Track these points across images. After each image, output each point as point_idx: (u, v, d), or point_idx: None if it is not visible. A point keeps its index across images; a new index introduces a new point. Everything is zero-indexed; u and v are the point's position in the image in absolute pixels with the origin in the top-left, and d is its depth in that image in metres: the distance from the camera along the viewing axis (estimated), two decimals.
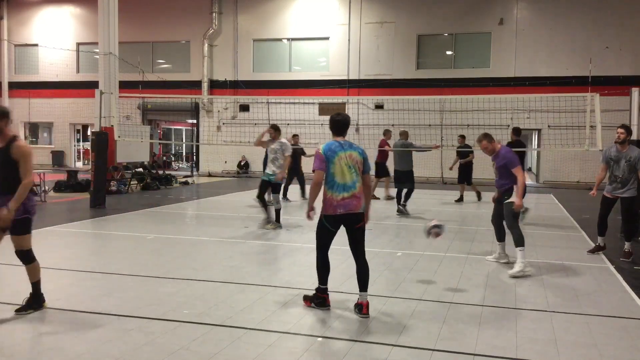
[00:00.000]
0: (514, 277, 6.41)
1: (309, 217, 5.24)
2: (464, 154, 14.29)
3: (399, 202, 11.65)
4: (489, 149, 6.89)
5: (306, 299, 5.27)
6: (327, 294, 5.17)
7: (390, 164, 12.62)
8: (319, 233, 5.14)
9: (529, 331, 4.66)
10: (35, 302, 5.00)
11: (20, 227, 4.83)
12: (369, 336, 4.48)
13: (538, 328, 4.74)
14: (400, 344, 4.32)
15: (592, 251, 7.97)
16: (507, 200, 6.74)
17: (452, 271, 6.74)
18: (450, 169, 15.15)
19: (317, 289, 5.19)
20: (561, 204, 14.33)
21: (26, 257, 4.97)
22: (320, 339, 4.42)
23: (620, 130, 7.42)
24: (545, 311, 5.20)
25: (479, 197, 14.42)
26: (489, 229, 10.12)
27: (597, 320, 5.01)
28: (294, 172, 13.72)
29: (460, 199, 14.29)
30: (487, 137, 6.95)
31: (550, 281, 6.31)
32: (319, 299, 5.15)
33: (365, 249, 5.15)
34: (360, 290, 5.02)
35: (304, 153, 14.56)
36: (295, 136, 14.84)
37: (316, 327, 4.70)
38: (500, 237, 7.22)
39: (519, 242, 6.65)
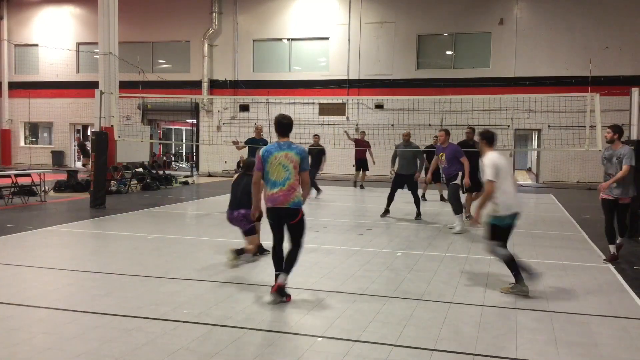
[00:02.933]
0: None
1: (252, 216, 5.80)
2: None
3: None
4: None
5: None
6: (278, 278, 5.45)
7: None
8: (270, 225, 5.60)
9: (529, 331, 4.66)
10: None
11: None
12: (369, 336, 4.48)
13: (538, 328, 4.74)
14: (400, 344, 4.32)
15: (609, 260, 7.42)
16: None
17: (452, 271, 6.74)
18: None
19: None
20: (561, 204, 14.33)
21: (251, 230, 7.08)
22: (320, 339, 4.42)
23: (607, 129, 7.37)
24: (545, 311, 5.20)
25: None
26: None
27: (597, 320, 5.01)
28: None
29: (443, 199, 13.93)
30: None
31: (550, 281, 6.31)
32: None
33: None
34: (283, 270, 5.45)
35: (324, 153, 15.44)
36: (315, 136, 15.98)
37: (316, 327, 4.70)
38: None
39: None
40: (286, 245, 5.57)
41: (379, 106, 22.50)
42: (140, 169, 17.54)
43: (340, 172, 22.53)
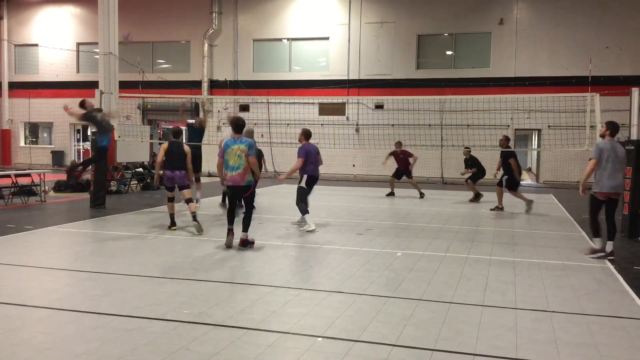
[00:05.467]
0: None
1: (222, 184, 7.97)
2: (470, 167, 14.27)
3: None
4: None
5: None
6: (230, 231, 7.84)
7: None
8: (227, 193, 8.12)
9: (529, 331, 4.66)
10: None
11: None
12: (369, 336, 4.48)
13: (538, 328, 4.74)
14: (400, 344, 4.32)
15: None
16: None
17: (452, 271, 6.74)
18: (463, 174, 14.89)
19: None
20: (561, 204, 14.33)
21: (187, 186, 9.59)
22: (320, 339, 4.42)
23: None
24: (545, 311, 5.20)
25: (477, 198, 14.31)
26: (489, 229, 10.14)
27: (597, 320, 5.01)
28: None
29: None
30: None
31: (550, 281, 6.31)
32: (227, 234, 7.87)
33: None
34: (242, 231, 7.76)
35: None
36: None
37: (316, 327, 4.69)
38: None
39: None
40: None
41: (379, 106, 22.50)
42: (140, 169, 17.53)
43: (340, 172, 22.54)
